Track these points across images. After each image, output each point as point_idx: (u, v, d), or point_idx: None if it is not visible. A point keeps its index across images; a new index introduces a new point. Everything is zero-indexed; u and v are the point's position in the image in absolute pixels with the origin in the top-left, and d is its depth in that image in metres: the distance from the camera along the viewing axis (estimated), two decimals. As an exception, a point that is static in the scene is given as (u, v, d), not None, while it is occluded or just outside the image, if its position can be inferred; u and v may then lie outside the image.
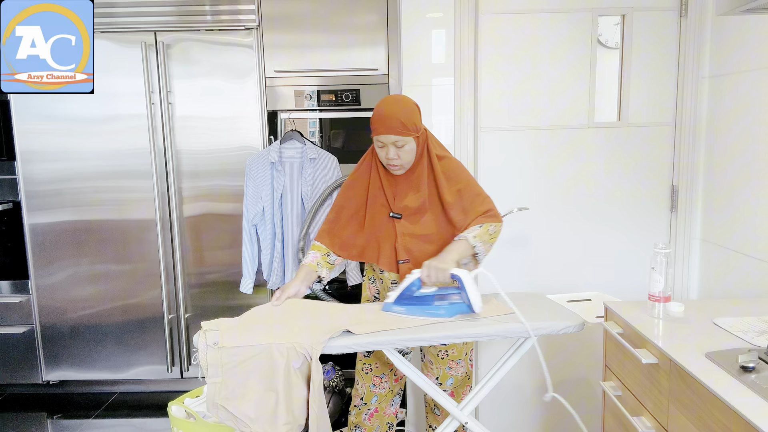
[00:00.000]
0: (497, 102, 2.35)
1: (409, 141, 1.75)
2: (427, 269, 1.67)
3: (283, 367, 1.49)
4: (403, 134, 1.72)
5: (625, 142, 2.37)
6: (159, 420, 2.72)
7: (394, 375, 2.00)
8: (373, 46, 2.67)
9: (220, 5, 2.63)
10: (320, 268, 1.87)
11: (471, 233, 1.75)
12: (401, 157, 1.76)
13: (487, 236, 1.78)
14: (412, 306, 1.69)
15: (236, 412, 1.47)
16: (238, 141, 2.72)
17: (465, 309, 1.68)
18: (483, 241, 1.77)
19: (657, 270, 1.47)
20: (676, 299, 1.81)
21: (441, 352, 1.93)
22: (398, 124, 1.71)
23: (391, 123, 1.71)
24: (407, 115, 1.73)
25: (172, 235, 2.77)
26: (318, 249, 1.90)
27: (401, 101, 1.78)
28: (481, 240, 1.76)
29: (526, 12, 2.30)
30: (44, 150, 2.73)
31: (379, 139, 1.75)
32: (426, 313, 1.67)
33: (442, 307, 1.68)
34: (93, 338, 2.85)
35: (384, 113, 1.73)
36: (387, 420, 2.05)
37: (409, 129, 1.73)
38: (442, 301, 1.70)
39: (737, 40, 2.07)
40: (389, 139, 1.73)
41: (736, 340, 1.33)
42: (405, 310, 1.68)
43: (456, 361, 1.94)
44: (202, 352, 1.49)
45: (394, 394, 2.04)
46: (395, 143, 1.73)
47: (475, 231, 1.76)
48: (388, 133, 1.72)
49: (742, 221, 2.06)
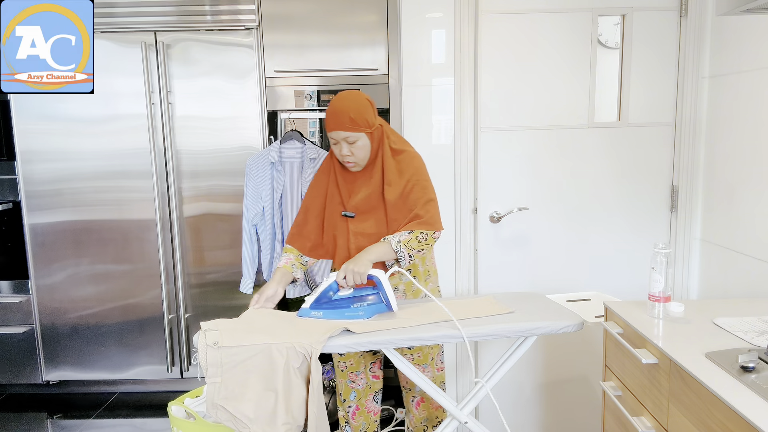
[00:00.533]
0: (497, 102, 2.35)
1: (361, 137, 1.74)
2: (344, 272, 1.67)
3: (283, 366, 1.49)
4: (353, 130, 1.72)
5: (625, 142, 2.38)
6: (159, 420, 2.72)
7: (369, 372, 2.00)
8: (373, 46, 2.66)
9: (220, 5, 2.63)
10: (295, 270, 1.85)
11: (396, 238, 1.73)
12: (354, 153, 1.76)
13: (415, 243, 1.74)
14: (329, 310, 1.68)
15: (235, 412, 1.47)
16: (238, 141, 2.71)
17: (383, 308, 1.69)
18: (409, 248, 1.73)
19: (657, 270, 1.47)
20: (676, 299, 1.81)
21: (406, 356, 1.92)
22: (348, 120, 1.71)
23: (341, 119, 1.71)
24: (357, 110, 1.72)
25: (172, 235, 2.77)
26: (290, 251, 1.89)
27: (352, 97, 1.77)
28: (406, 246, 1.72)
29: (526, 12, 2.30)
30: (44, 150, 2.73)
31: (331, 136, 1.76)
32: (344, 316, 1.66)
33: (360, 309, 1.68)
34: (93, 338, 2.85)
35: (334, 109, 1.73)
36: (373, 417, 2.05)
37: (359, 124, 1.72)
38: (360, 303, 1.69)
39: (737, 40, 2.07)
40: (340, 135, 1.73)
41: (736, 340, 1.33)
42: (322, 315, 1.68)
43: (422, 366, 1.93)
44: (202, 352, 1.49)
45: (374, 391, 2.04)
46: (346, 139, 1.73)
47: (403, 236, 1.73)
48: (339, 129, 1.72)
49: (742, 221, 2.06)
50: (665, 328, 1.45)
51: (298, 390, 1.51)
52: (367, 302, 1.70)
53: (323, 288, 1.69)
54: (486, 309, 1.73)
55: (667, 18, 2.30)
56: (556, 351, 2.44)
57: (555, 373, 2.46)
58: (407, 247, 1.73)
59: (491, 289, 2.43)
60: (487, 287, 2.44)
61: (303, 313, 1.70)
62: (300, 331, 1.58)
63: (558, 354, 2.44)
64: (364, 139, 1.75)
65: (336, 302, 1.69)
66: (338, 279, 1.68)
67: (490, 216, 2.40)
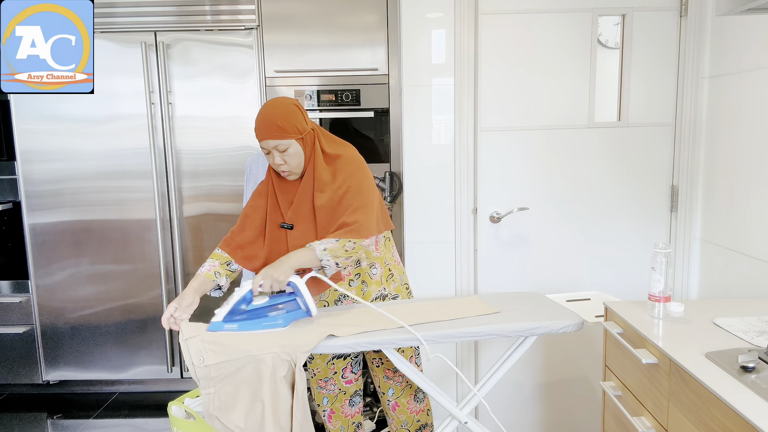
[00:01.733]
0: (497, 102, 2.35)
1: (292, 144, 1.68)
2: (262, 277, 1.59)
3: (269, 377, 1.48)
4: (282, 137, 1.66)
5: (625, 142, 2.37)
6: (159, 420, 2.72)
7: (342, 378, 1.97)
8: (373, 46, 2.66)
9: (220, 5, 2.63)
10: (219, 277, 1.76)
11: (322, 245, 1.62)
12: (287, 161, 1.69)
13: (342, 251, 1.63)
14: (244, 321, 1.60)
15: (227, 422, 1.47)
16: (238, 141, 2.72)
17: (302, 314, 1.64)
18: (335, 256, 1.62)
19: (657, 270, 1.47)
20: (676, 299, 1.81)
21: (375, 360, 1.90)
22: (275, 128, 1.65)
23: (269, 127, 1.66)
24: (284, 116, 1.67)
25: (172, 235, 2.77)
26: (218, 257, 1.79)
27: (278, 104, 1.72)
28: (333, 254, 1.62)
29: (526, 12, 2.30)
30: (44, 150, 2.73)
31: (262, 146, 1.70)
32: (262, 326, 1.60)
33: (279, 317, 1.62)
34: (93, 338, 2.85)
35: (261, 117, 1.68)
36: (351, 420, 2.03)
37: (287, 131, 1.66)
38: (277, 311, 1.63)
39: (737, 40, 2.07)
40: (270, 144, 1.68)
41: (736, 340, 1.33)
42: (237, 327, 1.59)
43: (392, 371, 1.91)
44: (191, 367, 1.49)
45: (349, 395, 2.01)
46: (277, 147, 1.67)
47: (329, 244, 1.62)
48: (267, 138, 1.67)
49: (742, 221, 2.06)
50: (665, 328, 1.44)
51: (285, 399, 1.51)
52: (285, 310, 1.63)
53: (237, 298, 1.60)
54: (470, 310, 1.73)
55: (667, 18, 2.30)
56: (556, 351, 2.44)
57: (555, 373, 2.46)
58: (333, 255, 1.62)
59: (491, 289, 2.43)
60: (487, 287, 2.44)
61: (214, 327, 1.58)
62: (286, 333, 1.58)
63: (558, 354, 2.44)
64: (296, 145, 1.69)
65: (251, 312, 1.61)
66: (254, 285, 1.59)
67: (490, 216, 2.40)
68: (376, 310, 1.65)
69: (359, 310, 1.77)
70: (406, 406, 1.98)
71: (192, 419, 1.83)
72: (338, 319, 1.69)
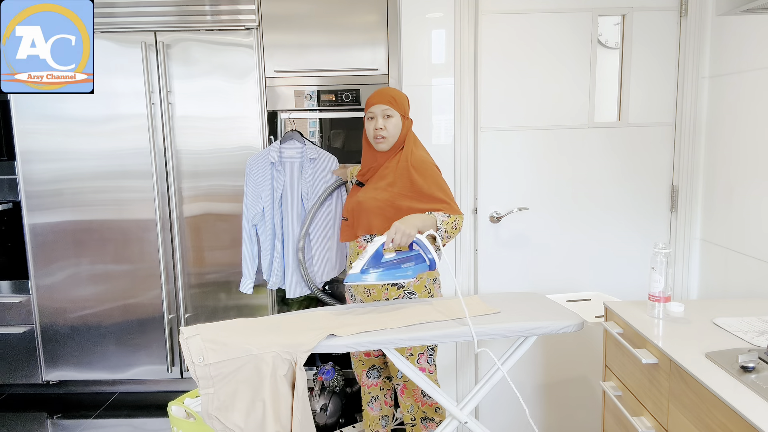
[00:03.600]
0: (497, 102, 2.35)
1: (396, 115, 1.95)
2: (394, 231, 1.70)
3: (269, 376, 1.48)
4: (392, 106, 1.93)
5: (625, 142, 2.38)
6: (159, 420, 2.72)
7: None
8: (373, 46, 2.66)
9: (220, 5, 2.63)
10: None
11: (440, 217, 1.83)
12: (387, 128, 1.94)
13: (451, 227, 1.85)
14: (379, 272, 1.70)
15: (227, 422, 1.47)
16: (238, 141, 2.71)
17: (425, 267, 1.77)
18: (446, 229, 1.84)
19: (657, 270, 1.47)
20: (676, 299, 1.82)
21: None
22: (389, 98, 1.95)
23: (385, 96, 1.95)
24: (399, 95, 1.98)
25: (172, 235, 2.77)
26: None
27: (395, 88, 2.04)
28: (444, 228, 1.84)
29: (526, 12, 2.30)
30: (44, 150, 2.73)
31: (370, 111, 1.95)
32: (395, 277, 1.71)
33: (409, 269, 1.73)
34: (93, 338, 2.85)
35: (380, 90, 1.99)
36: (368, 391, 2.18)
37: (399, 105, 1.95)
38: (408, 263, 1.73)
39: (737, 40, 2.08)
40: (379, 108, 1.94)
41: (736, 340, 1.33)
42: (375, 277, 1.69)
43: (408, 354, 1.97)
44: (191, 366, 1.49)
45: (367, 367, 2.16)
46: (385, 112, 1.93)
47: (444, 217, 1.84)
48: (380, 102, 1.93)
49: (742, 221, 2.06)
50: (665, 328, 1.45)
51: (286, 398, 1.51)
52: (414, 262, 1.74)
53: (372, 251, 1.69)
54: (470, 310, 1.73)
55: (667, 18, 2.30)
56: (557, 351, 2.44)
57: (555, 373, 2.46)
58: (445, 228, 1.84)
59: (491, 289, 2.43)
60: (487, 287, 2.44)
61: (352, 279, 1.69)
62: (287, 332, 1.57)
63: (558, 354, 2.44)
64: (398, 119, 1.95)
65: (385, 263, 1.71)
66: (387, 238, 1.70)
67: (490, 216, 2.40)
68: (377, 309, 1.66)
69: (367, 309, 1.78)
70: (412, 393, 2.04)
71: (192, 419, 1.84)
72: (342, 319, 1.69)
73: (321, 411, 2.53)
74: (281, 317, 1.75)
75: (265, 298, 2.80)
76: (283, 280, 2.64)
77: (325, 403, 2.55)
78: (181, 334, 1.55)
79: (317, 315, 1.77)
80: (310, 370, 2.80)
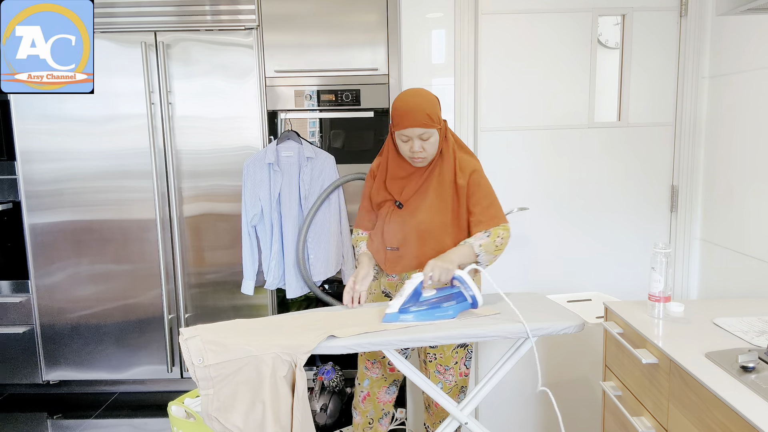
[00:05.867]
0: (497, 102, 2.35)
1: (434, 133, 1.75)
2: (431, 268, 1.64)
3: (269, 377, 1.48)
4: (429, 126, 1.72)
5: (625, 142, 2.38)
6: (159, 420, 2.72)
7: (388, 364, 2.00)
8: (373, 46, 2.66)
9: (220, 5, 2.63)
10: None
11: (477, 241, 1.72)
12: (426, 149, 1.76)
13: (493, 247, 1.74)
14: (419, 312, 1.64)
15: (226, 423, 1.47)
16: (238, 141, 2.72)
17: (467, 306, 1.68)
18: (488, 252, 1.73)
19: (657, 270, 1.47)
20: (676, 299, 1.81)
21: (429, 355, 1.92)
22: (424, 117, 1.71)
23: (417, 116, 1.70)
24: (432, 107, 1.74)
25: (172, 235, 2.77)
26: (364, 238, 1.96)
27: (424, 94, 1.77)
28: (485, 250, 1.73)
29: (526, 12, 2.30)
30: (44, 150, 2.73)
31: (404, 133, 1.74)
32: (435, 317, 1.64)
33: (450, 308, 1.65)
34: (93, 338, 2.85)
35: (409, 106, 1.72)
36: (382, 407, 2.05)
37: (434, 121, 1.73)
38: (448, 302, 1.66)
39: (737, 40, 2.07)
40: (415, 132, 1.72)
41: (736, 340, 1.33)
42: (413, 318, 1.63)
43: (444, 367, 1.92)
44: (191, 368, 1.49)
45: (389, 383, 2.03)
46: (421, 136, 1.73)
47: (482, 240, 1.73)
48: (415, 126, 1.71)
49: (742, 221, 2.06)
50: (665, 328, 1.45)
51: (286, 399, 1.51)
52: (455, 301, 1.67)
53: (411, 289, 1.62)
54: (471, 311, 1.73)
55: (667, 18, 2.30)
56: (557, 351, 2.44)
57: (555, 374, 2.46)
58: (486, 251, 1.72)
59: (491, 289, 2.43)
60: (487, 287, 2.43)
61: (390, 318, 1.62)
62: (287, 333, 1.57)
63: (558, 354, 2.44)
64: (436, 135, 1.76)
65: (424, 302, 1.65)
66: (425, 276, 1.63)
67: (490, 216, 2.39)
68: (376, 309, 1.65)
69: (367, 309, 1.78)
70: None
71: (192, 419, 1.84)
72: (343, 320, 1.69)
73: (321, 411, 2.53)
74: (281, 317, 1.75)
75: (265, 298, 2.80)
76: (282, 280, 2.64)
77: (325, 403, 2.55)
78: (180, 335, 1.55)
79: (317, 315, 1.76)
80: (310, 370, 2.80)
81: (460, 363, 1.92)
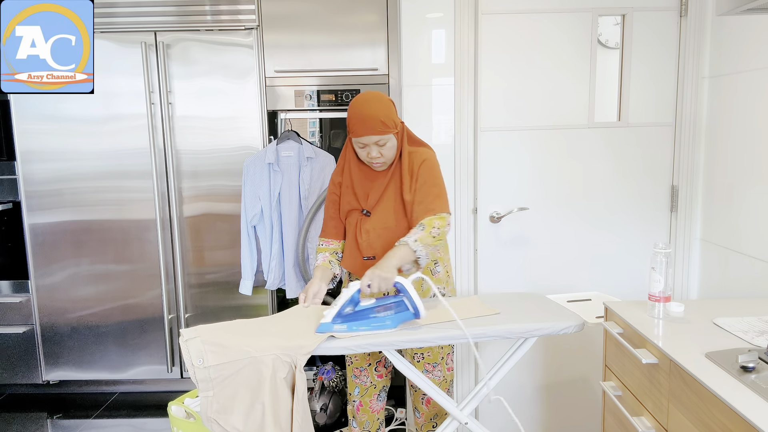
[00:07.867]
0: (497, 102, 2.35)
1: (390, 138, 1.76)
2: (369, 279, 1.59)
3: (269, 378, 1.48)
4: (384, 132, 1.72)
5: (625, 142, 2.38)
6: (159, 420, 2.72)
7: (375, 371, 2.00)
8: (373, 46, 2.66)
9: (220, 5, 2.63)
10: (333, 266, 1.87)
11: (412, 237, 1.68)
12: (384, 154, 1.77)
13: (430, 239, 1.70)
14: (353, 322, 1.57)
15: (226, 425, 1.47)
16: (238, 141, 2.72)
17: (410, 316, 1.60)
18: (425, 245, 1.69)
19: (657, 270, 1.47)
20: (676, 299, 1.81)
21: (417, 355, 1.93)
22: (379, 124, 1.71)
23: (372, 123, 1.70)
24: (386, 112, 1.73)
25: (172, 235, 2.77)
26: (325, 249, 1.91)
27: (378, 99, 1.76)
28: (423, 243, 1.68)
29: (526, 12, 2.30)
30: (44, 150, 2.73)
31: (360, 141, 1.74)
32: (371, 327, 1.58)
33: (387, 318, 1.58)
34: (93, 338, 2.85)
35: (364, 114, 1.71)
36: (377, 416, 2.06)
37: (389, 127, 1.73)
38: (386, 312, 1.60)
39: (737, 40, 2.07)
40: (372, 140, 1.73)
41: (736, 340, 1.33)
42: (347, 328, 1.56)
43: (432, 365, 1.94)
44: (191, 369, 1.49)
45: (378, 390, 2.03)
46: (378, 143, 1.74)
47: (417, 234, 1.69)
48: (370, 134, 1.71)
49: (742, 221, 2.06)
50: (665, 328, 1.45)
51: (285, 400, 1.50)
52: (393, 310, 1.60)
53: (345, 299, 1.57)
54: (470, 310, 1.73)
55: (667, 18, 2.30)
56: (557, 352, 2.44)
57: (555, 374, 2.46)
58: (424, 244, 1.68)
59: (491, 289, 2.43)
60: (487, 287, 2.44)
61: (323, 329, 1.56)
62: (287, 334, 1.57)
63: (558, 354, 2.44)
64: (393, 140, 1.77)
65: (360, 312, 1.59)
66: (362, 286, 1.59)
67: (490, 216, 2.39)
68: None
69: None
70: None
71: (192, 419, 1.84)
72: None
73: (321, 411, 2.54)
74: (281, 316, 1.75)
75: (265, 298, 2.80)
76: (282, 281, 2.64)
77: (325, 403, 2.55)
78: (180, 336, 1.55)
79: (318, 315, 1.76)
80: (310, 370, 2.80)
81: (446, 359, 1.97)
